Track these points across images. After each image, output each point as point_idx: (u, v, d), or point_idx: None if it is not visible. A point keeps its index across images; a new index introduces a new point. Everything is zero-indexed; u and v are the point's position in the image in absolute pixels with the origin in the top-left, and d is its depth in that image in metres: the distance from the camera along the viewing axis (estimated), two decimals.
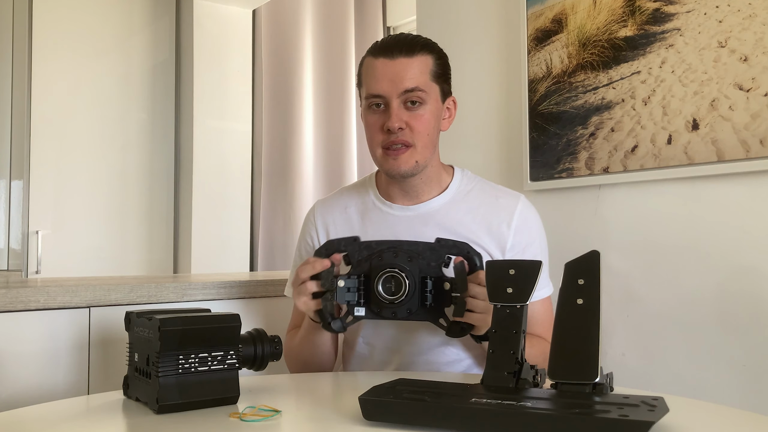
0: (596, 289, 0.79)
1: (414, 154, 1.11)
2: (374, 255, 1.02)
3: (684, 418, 0.75)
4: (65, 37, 2.86)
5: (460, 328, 1.00)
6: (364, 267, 1.02)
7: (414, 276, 1.00)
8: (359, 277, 1.02)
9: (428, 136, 1.12)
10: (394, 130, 1.09)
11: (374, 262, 1.01)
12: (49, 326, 1.24)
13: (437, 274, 1.01)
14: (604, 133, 1.41)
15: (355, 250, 1.04)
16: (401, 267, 1.00)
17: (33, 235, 2.74)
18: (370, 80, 1.12)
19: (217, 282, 1.43)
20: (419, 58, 1.11)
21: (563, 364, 0.77)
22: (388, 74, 1.09)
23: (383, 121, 1.10)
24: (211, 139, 3.07)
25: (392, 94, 1.09)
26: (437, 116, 1.14)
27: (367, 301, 1.02)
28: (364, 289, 1.02)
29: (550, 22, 1.52)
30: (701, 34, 1.26)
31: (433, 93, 1.12)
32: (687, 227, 1.29)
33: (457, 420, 0.70)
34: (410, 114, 1.10)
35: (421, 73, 1.10)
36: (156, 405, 0.79)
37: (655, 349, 1.33)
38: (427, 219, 1.16)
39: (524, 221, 1.17)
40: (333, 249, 1.05)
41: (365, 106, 1.14)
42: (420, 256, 1.01)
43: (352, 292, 1.02)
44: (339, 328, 1.04)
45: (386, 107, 1.10)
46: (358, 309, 1.02)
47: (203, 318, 0.85)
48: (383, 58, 1.10)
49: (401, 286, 0.99)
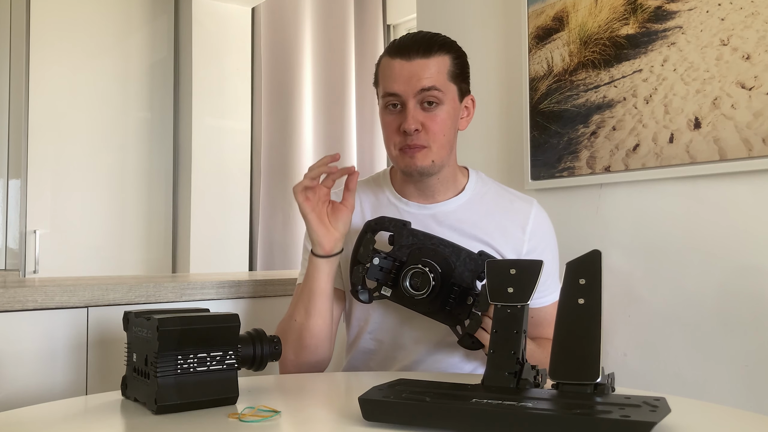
0: (597, 288, 0.79)
1: (429, 154, 1.11)
2: (415, 246, 1.04)
3: (686, 419, 0.75)
4: (63, 35, 2.86)
5: (471, 342, 1.01)
6: (403, 253, 1.05)
7: (443, 280, 1.02)
8: (395, 261, 1.05)
9: (444, 136, 1.11)
10: (409, 132, 1.08)
11: (413, 254, 1.03)
12: (46, 326, 1.23)
13: (467, 285, 1.02)
14: (606, 131, 1.41)
15: (402, 234, 1.06)
16: (433, 267, 1.01)
17: (31, 234, 2.74)
18: (386, 80, 1.11)
19: (216, 282, 1.43)
20: (436, 59, 1.10)
21: (564, 364, 0.77)
22: (405, 74, 1.08)
23: (399, 121, 1.10)
24: (210, 137, 3.07)
25: (408, 94, 1.08)
26: (454, 116, 1.13)
27: (394, 285, 1.04)
28: (394, 275, 1.04)
29: (551, 19, 1.51)
30: (703, 32, 1.26)
31: (450, 93, 1.11)
32: (689, 226, 1.29)
33: (457, 421, 0.70)
34: (426, 114, 1.09)
35: (438, 73, 1.09)
36: (154, 405, 0.79)
37: (657, 350, 1.33)
38: (442, 219, 1.16)
39: (539, 226, 1.18)
40: (382, 226, 1.07)
41: (382, 105, 1.14)
42: (458, 263, 1.02)
43: (384, 272, 1.05)
44: (366, 299, 1.07)
45: (402, 107, 1.10)
46: (386, 289, 1.05)
47: (202, 318, 0.84)
48: (400, 59, 1.09)
49: (426, 285, 1.01)
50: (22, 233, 2.66)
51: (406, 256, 1.04)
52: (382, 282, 1.05)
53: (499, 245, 1.15)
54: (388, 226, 1.07)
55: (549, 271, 1.17)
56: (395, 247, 1.06)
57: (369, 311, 1.16)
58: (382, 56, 1.15)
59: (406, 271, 1.03)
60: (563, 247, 1.25)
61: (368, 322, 1.17)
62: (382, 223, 1.08)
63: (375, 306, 1.15)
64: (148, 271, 3.03)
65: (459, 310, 1.02)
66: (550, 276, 1.17)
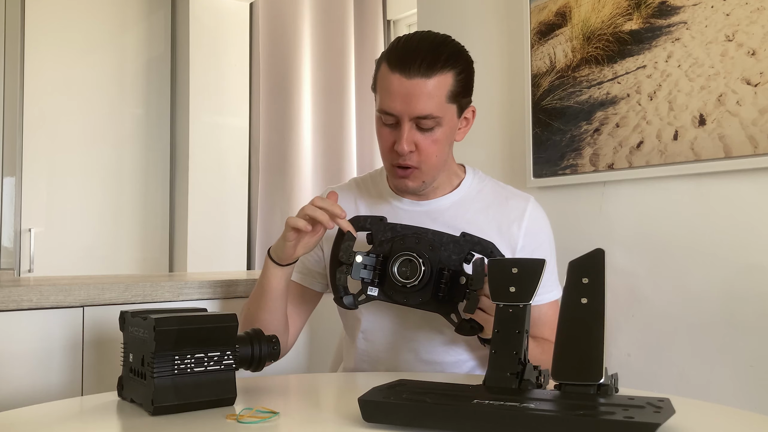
0: (601, 288, 0.78)
1: (420, 176, 1.10)
2: (397, 238, 1.02)
3: (691, 420, 0.74)
4: (58, 31, 2.85)
5: (470, 326, 0.99)
6: (384, 248, 1.02)
7: (432, 264, 0.99)
8: (378, 257, 1.02)
9: (437, 157, 1.09)
10: (402, 153, 1.06)
11: (395, 245, 1.01)
12: (42, 326, 1.22)
13: (456, 267, 1.00)
14: (609, 128, 1.40)
15: (380, 230, 1.03)
16: (420, 253, 0.99)
17: (26, 232, 2.73)
18: (383, 94, 1.07)
19: (213, 281, 1.42)
20: (437, 79, 1.04)
21: (567, 364, 0.76)
22: (402, 94, 1.04)
23: (394, 138, 1.07)
24: (207, 134, 3.06)
25: (404, 116, 1.05)
26: (450, 135, 1.11)
27: (381, 282, 1.02)
28: (381, 271, 1.01)
29: (554, 15, 1.51)
30: (708, 28, 1.25)
31: (449, 114, 1.08)
32: (694, 225, 1.29)
33: (458, 422, 0.69)
34: (422, 136, 1.07)
35: (437, 96, 1.04)
36: (151, 406, 0.79)
37: (661, 350, 1.33)
38: (437, 216, 1.15)
39: (534, 223, 1.17)
40: (358, 225, 1.05)
41: (378, 116, 1.11)
42: (442, 247, 1.00)
43: (369, 270, 1.02)
44: (350, 304, 1.04)
45: (398, 125, 1.07)
46: (372, 289, 1.02)
47: (199, 318, 0.84)
48: (399, 75, 1.04)
49: (416, 271, 0.98)
50: (17, 231, 2.65)
51: (388, 250, 1.01)
52: (367, 281, 1.02)
53: (495, 242, 1.11)
54: (364, 224, 1.04)
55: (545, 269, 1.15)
56: (375, 244, 1.03)
57: (361, 311, 1.15)
58: (382, 60, 1.09)
59: (394, 259, 0.99)
60: (566, 246, 1.24)
61: (361, 321, 1.16)
62: (357, 222, 1.05)
63: (366, 306, 1.13)
64: (144, 270, 3.02)
65: (453, 293, 0.99)
66: (545, 274, 1.16)
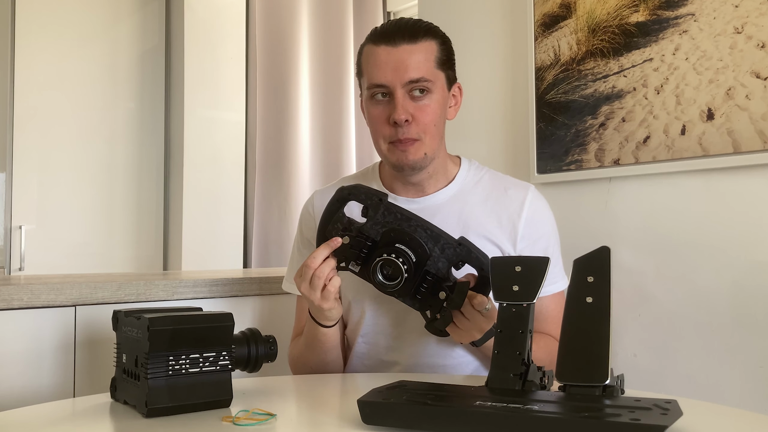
0: (606, 286, 0.77)
1: (422, 147, 1.09)
2: (390, 226, 0.97)
3: (698, 422, 0.74)
4: (49, 23, 2.83)
5: (439, 331, 0.97)
6: (376, 232, 0.98)
7: (417, 267, 0.95)
8: (366, 240, 0.98)
9: (435, 127, 1.09)
10: (400, 123, 1.06)
11: (386, 235, 0.97)
12: (33, 326, 1.22)
13: (442, 275, 0.96)
14: (615, 123, 1.39)
15: (378, 209, 0.99)
16: (406, 257, 0.95)
17: (16, 230, 2.72)
18: (371, 69, 1.08)
19: (209, 279, 1.42)
20: (423, 44, 1.08)
21: (572, 365, 0.76)
22: (392, 62, 1.06)
23: (388, 112, 1.07)
24: (202, 129, 3.05)
25: (396, 84, 1.06)
26: (444, 105, 1.12)
27: (363, 264, 0.97)
28: (365, 254, 0.97)
29: (558, 6, 1.50)
30: (716, 20, 1.25)
31: (439, 81, 1.10)
32: (701, 222, 1.28)
33: (460, 424, 0.68)
34: (416, 105, 1.07)
35: (426, 60, 1.07)
36: (145, 408, 0.78)
37: (668, 350, 1.32)
38: (434, 213, 1.13)
39: (535, 212, 1.15)
40: (356, 197, 1.00)
41: (367, 96, 1.11)
42: (434, 250, 0.96)
43: (353, 251, 0.98)
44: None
45: (390, 97, 1.07)
46: (354, 264, 0.98)
47: (194, 317, 0.84)
48: (385, 45, 1.07)
49: (398, 275, 0.95)
50: (7, 229, 2.65)
51: (378, 236, 0.97)
52: (350, 258, 0.98)
53: (494, 235, 1.12)
54: (362, 197, 1.00)
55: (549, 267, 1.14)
56: (368, 223, 0.99)
57: (362, 314, 1.14)
58: (364, 45, 1.11)
59: (375, 263, 0.95)
60: (570, 243, 1.23)
61: (361, 324, 1.15)
62: (356, 194, 1.01)
63: (367, 309, 1.12)
64: (138, 268, 3.02)
65: (430, 302, 0.96)
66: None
